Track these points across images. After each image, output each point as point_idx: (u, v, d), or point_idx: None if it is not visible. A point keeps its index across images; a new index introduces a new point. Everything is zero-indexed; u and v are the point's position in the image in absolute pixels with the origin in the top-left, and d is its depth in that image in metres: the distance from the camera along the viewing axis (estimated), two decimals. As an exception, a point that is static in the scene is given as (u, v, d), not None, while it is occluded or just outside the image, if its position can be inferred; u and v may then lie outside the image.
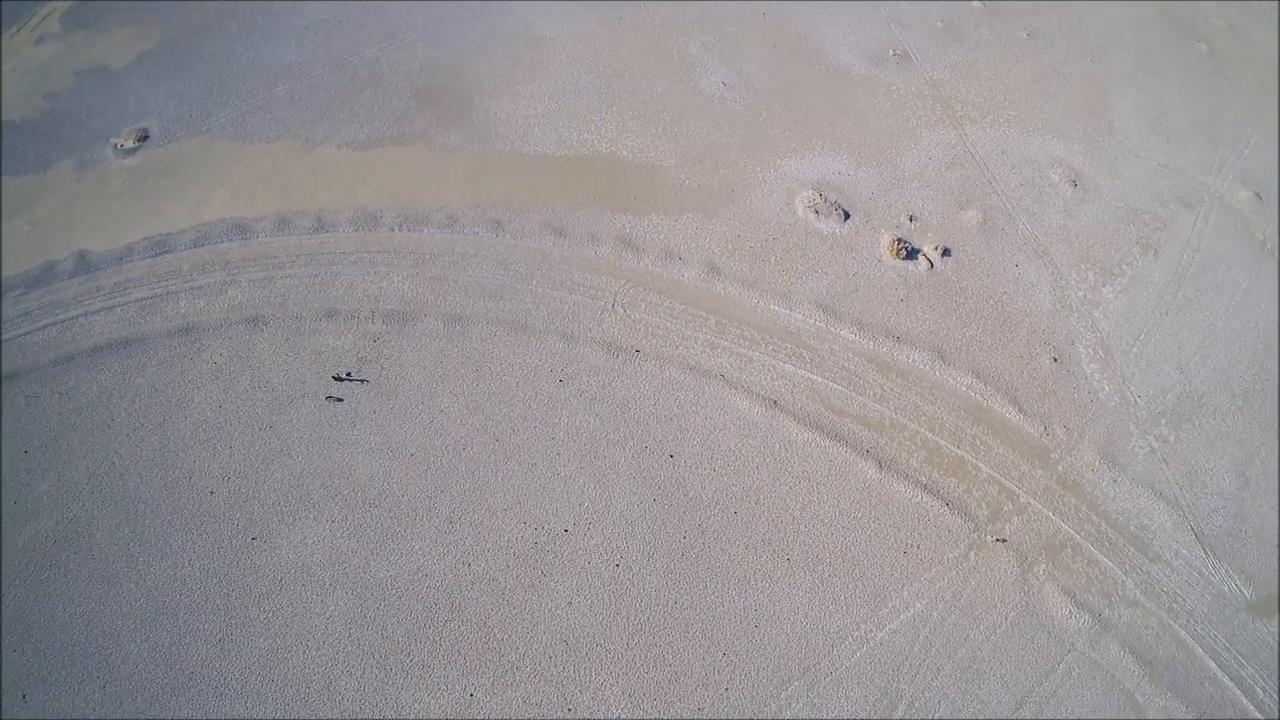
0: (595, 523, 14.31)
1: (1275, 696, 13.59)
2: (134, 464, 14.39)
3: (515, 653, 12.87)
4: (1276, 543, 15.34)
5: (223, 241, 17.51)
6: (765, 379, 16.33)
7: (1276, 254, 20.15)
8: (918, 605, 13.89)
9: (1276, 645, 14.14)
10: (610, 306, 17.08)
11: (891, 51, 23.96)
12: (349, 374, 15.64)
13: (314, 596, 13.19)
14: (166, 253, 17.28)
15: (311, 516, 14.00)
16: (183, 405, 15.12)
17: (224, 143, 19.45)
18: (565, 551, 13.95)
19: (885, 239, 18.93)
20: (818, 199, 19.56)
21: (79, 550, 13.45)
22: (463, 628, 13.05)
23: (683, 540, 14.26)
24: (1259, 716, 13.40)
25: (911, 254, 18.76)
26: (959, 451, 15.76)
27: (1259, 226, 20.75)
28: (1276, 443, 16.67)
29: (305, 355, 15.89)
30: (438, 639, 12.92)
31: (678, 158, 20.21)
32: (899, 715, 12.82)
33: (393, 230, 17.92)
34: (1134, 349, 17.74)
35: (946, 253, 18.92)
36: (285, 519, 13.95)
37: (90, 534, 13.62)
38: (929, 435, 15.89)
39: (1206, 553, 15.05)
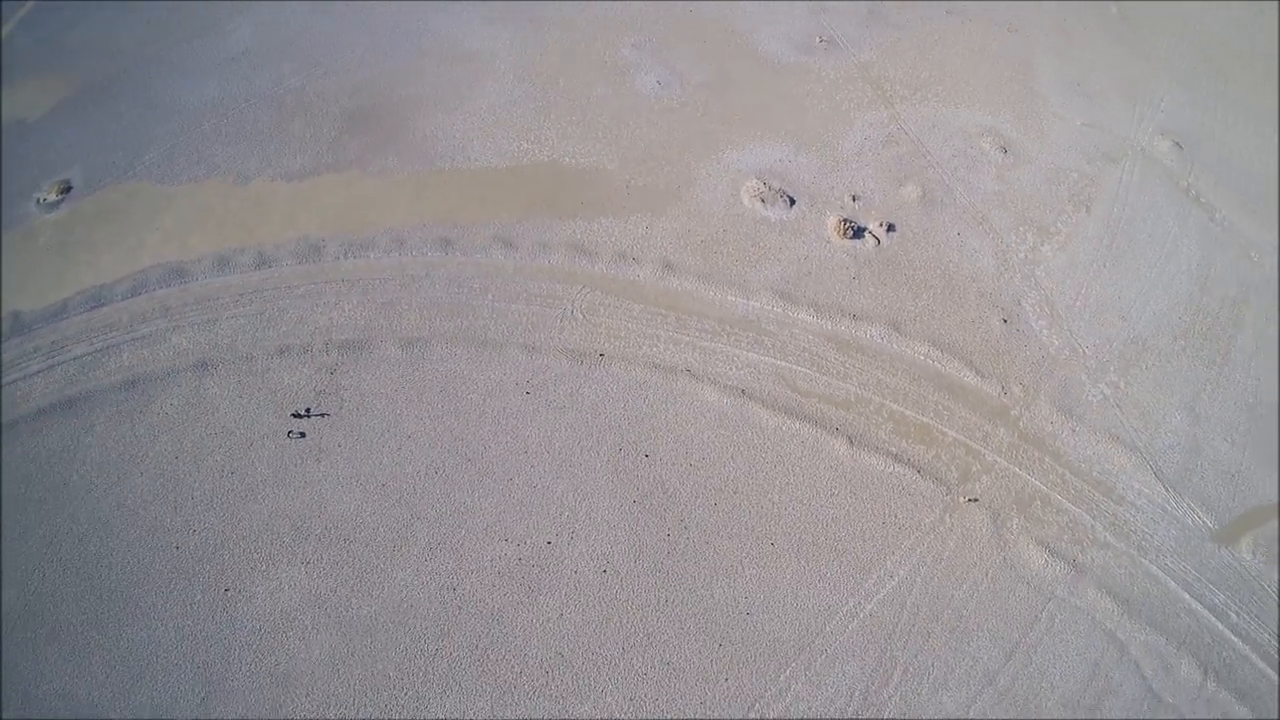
0: (578, 531, 14.22)
1: (1248, 619, 14.22)
2: (93, 527, 13.79)
3: (511, 672, 12.70)
4: (1232, 472, 16.07)
5: (161, 288, 16.90)
6: (730, 369, 16.46)
7: (1200, 198, 21.14)
8: (901, 573, 14.16)
9: (1244, 570, 14.81)
10: (569, 313, 17.02)
11: (818, 38, 24.44)
12: (309, 410, 15.25)
13: (296, 642, 12.81)
14: (103, 305, 16.61)
15: (285, 560, 13.60)
16: (137, 461, 14.54)
17: (152, 186, 18.79)
18: (551, 564, 13.83)
19: (831, 220, 19.28)
20: (762, 188, 19.82)
21: (45, 624, 12.82)
22: (455, 653, 12.83)
23: (667, 538, 14.27)
24: (1235, 639, 14.00)
25: (858, 233, 19.14)
26: (924, 419, 16.13)
27: (1181, 174, 21.75)
28: (1221, 377, 17.48)
29: (260, 395, 15.44)
30: (430, 668, 12.67)
31: (621, 159, 20.26)
32: (895, 681, 13.04)
33: (338, 259, 17.55)
34: (1077, 303, 18.41)
35: (891, 228, 19.37)
36: (258, 566, 13.52)
37: (55, 605, 12.99)
38: (894, 406, 16.23)
39: (1167, 489, 15.69)
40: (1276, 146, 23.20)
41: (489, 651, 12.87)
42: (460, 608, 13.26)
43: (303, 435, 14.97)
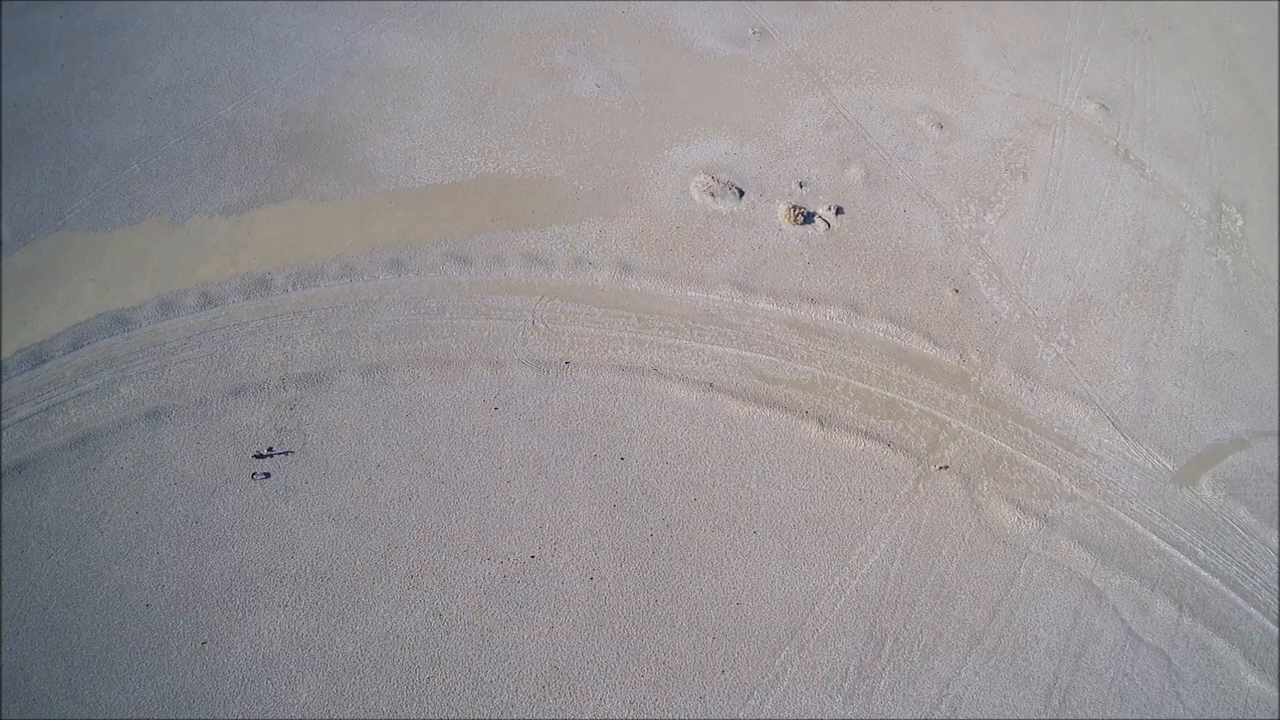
0: (560, 542, 14.12)
1: (1215, 553, 14.81)
2: (57, 594, 13.19)
3: (507, 691, 12.55)
4: (1185, 415, 16.74)
5: (103, 338, 16.27)
6: (697, 363, 16.53)
7: (1129, 156, 21.96)
8: (882, 546, 14.40)
9: (1206, 507, 15.43)
10: (531, 324, 16.90)
11: (751, 30, 24.71)
12: (271, 449, 14.84)
13: (282, 688, 12.45)
14: (44, 362, 15.91)
15: (262, 605, 13.21)
16: (96, 520, 13.97)
17: (84, 235, 18.07)
18: (536, 578, 13.71)
19: (781, 208, 19.52)
20: (711, 182, 19.96)
21: (16, 698, 12.21)
22: (448, 679, 12.62)
23: (650, 538, 14.27)
24: (1205, 574, 14.57)
25: (808, 218, 19.41)
26: (889, 394, 16.43)
27: (1110, 134, 22.58)
28: (1166, 325, 18.19)
29: (219, 439, 14.98)
30: (424, 699, 12.45)
31: (567, 165, 20.19)
32: (887, 652, 13.25)
33: (287, 291, 17.13)
34: (1023, 267, 18.96)
35: (840, 211, 19.69)
36: (234, 614, 13.11)
37: (25, 677, 12.39)
38: (859, 384, 16.50)
39: (1125, 437, 16.27)
40: (1197, 100, 24.22)
41: (482, 674, 12.69)
42: (448, 633, 13.05)
43: (267, 475, 14.56)
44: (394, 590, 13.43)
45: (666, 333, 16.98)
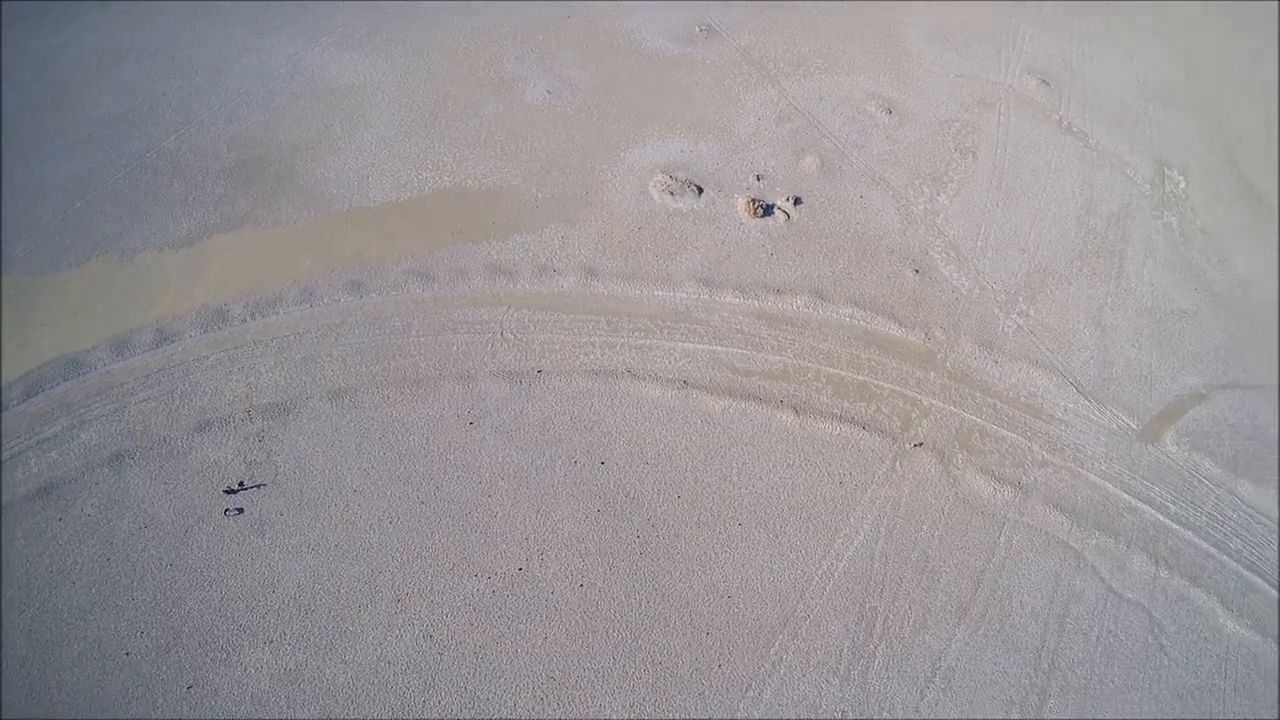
0: (547, 552, 14.03)
1: (1184, 506, 15.28)
2: (32, 650, 12.71)
3: (504, 707, 12.43)
4: (1144, 374, 17.25)
5: (58, 384, 15.74)
6: (669, 362, 16.57)
7: (1072, 128, 22.58)
8: (865, 527, 14.59)
9: (1171, 462, 15.91)
10: (499, 335, 16.77)
11: (698, 28, 24.87)
12: (242, 483, 14.50)
13: (273, 725, 12.17)
14: (-7, 414, 15.34)
15: (247, 643, 12.90)
16: (66, 572, 13.50)
17: (28, 279, 17.47)
18: (526, 590, 13.60)
19: (740, 202, 19.67)
20: (669, 181, 20.03)
21: (-18, 769, 11.75)
22: (443, 701, 12.45)
23: (637, 540, 14.25)
24: (1176, 527, 15.02)
25: (767, 210, 19.60)
26: (860, 377, 16.66)
27: (1052, 108, 23.20)
28: (1119, 288, 18.73)
29: (187, 478, 14.59)
30: (420, 721, 12.27)
31: (524, 174, 20.10)
32: (878, 631, 13.42)
33: (245, 321, 16.76)
34: (979, 243, 19.38)
35: (798, 201, 19.91)
36: (218, 655, 12.77)
37: (-10, 747, 11.93)
38: (830, 370, 16.69)
39: (1089, 401, 16.71)
40: (1134, 70, 25.00)
41: (478, 692, 12.55)
42: (441, 654, 12.88)
43: (240, 511, 14.22)
44: (382, 616, 13.21)
45: (636, 334, 16.99)
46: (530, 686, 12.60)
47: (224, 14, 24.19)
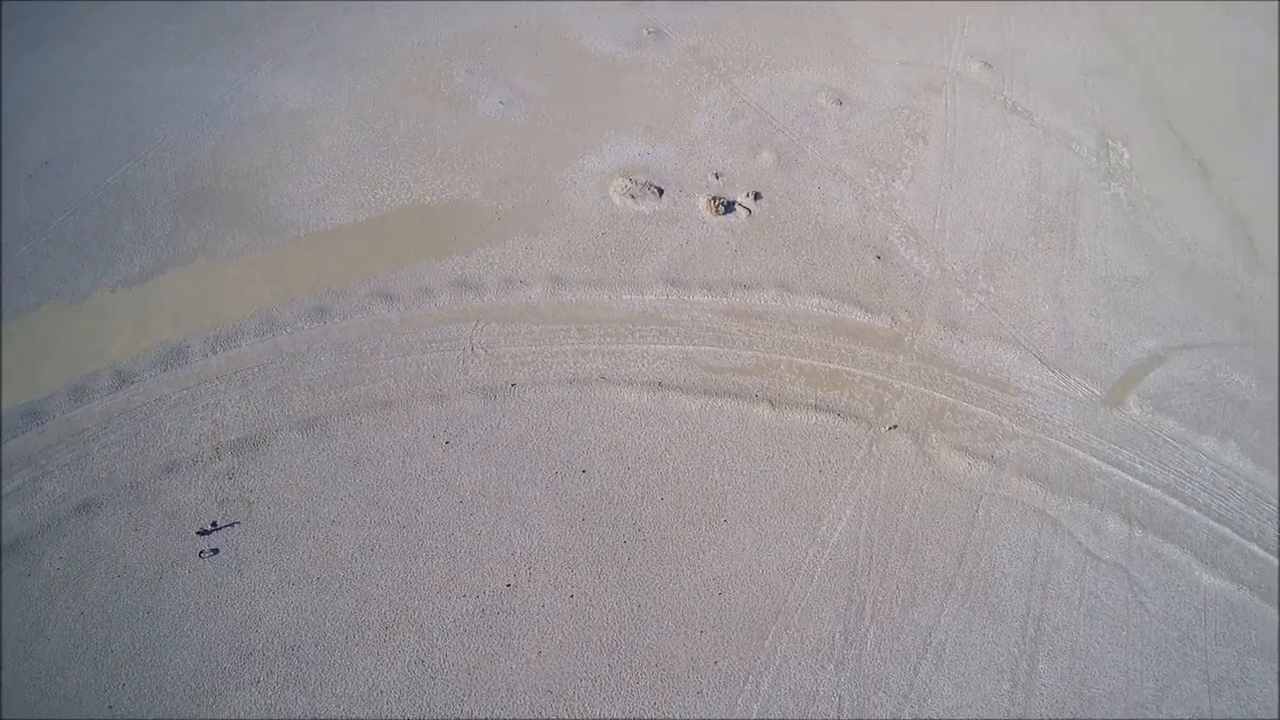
0: (534, 566, 13.93)
1: (1151, 465, 15.72)
2: (9, 709, 12.24)
3: (502, 725, 12.29)
4: (1103, 341, 17.73)
5: (15, 435, 15.20)
6: (643, 365, 16.58)
7: (1017, 107, 23.15)
8: (848, 512, 14.75)
9: (1136, 424, 16.36)
10: (470, 351, 16.62)
11: (645, 31, 24.98)
12: (215, 523, 14.14)
13: (266, 767, 11.87)
14: (-54, 473, 14.75)
15: (232, 686, 12.57)
16: (39, 628, 13.02)
17: (-27, 330, 16.84)
18: (516, 606, 13.47)
19: (702, 201, 19.79)
20: (629, 184, 20.07)
21: (-39, 843, 11.27)
22: (439, 725, 12.28)
23: (624, 545, 14.22)
24: (1146, 486, 15.44)
25: (729, 207, 19.74)
26: (831, 365, 16.85)
27: (997, 89, 23.77)
28: (1074, 260, 19.24)
29: (158, 522, 14.18)
30: (418, 748, 12.07)
31: (483, 186, 19.97)
32: (869, 614, 13.57)
33: (206, 356, 16.37)
34: (936, 226, 19.76)
35: (758, 196, 20.09)
36: (204, 701, 12.43)
37: (-32, 819, 11.45)
38: (802, 361, 16.86)
39: (1053, 371, 17.12)
40: (1072, 46, 25.72)
41: (475, 712, 12.39)
42: (434, 678, 12.70)
43: (215, 551, 13.87)
44: (370, 646, 12.98)
45: (608, 339, 16.97)
46: (527, 702, 12.49)
47: (162, 47, 23.64)
